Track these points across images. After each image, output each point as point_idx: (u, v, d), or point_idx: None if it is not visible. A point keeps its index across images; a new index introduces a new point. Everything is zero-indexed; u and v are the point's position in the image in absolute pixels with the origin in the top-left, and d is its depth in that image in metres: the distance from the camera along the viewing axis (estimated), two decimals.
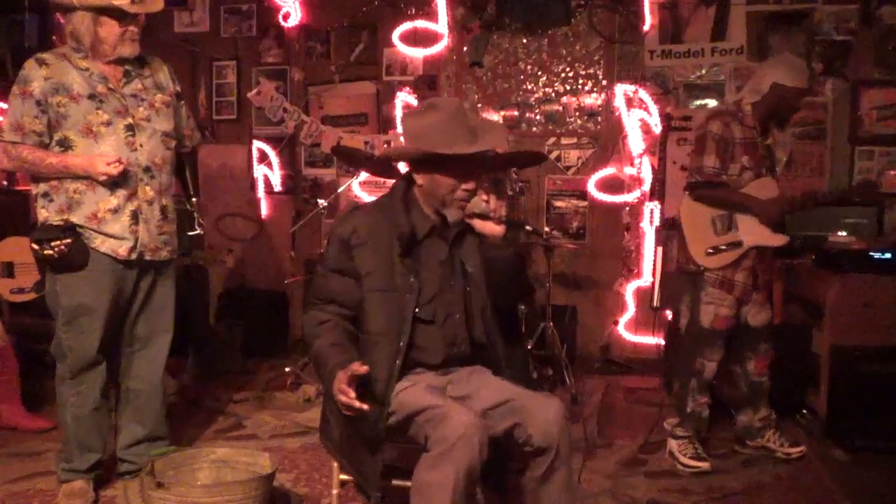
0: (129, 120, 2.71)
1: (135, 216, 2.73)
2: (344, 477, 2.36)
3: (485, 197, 2.22)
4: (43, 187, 2.70)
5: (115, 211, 2.69)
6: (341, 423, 2.15)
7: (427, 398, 2.06)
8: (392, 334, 2.14)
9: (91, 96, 2.65)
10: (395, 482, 2.14)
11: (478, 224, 2.23)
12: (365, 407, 1.98)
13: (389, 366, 2.12)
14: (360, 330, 2.18)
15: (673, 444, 3.29)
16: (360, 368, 1.99)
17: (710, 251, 3.20)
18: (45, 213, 2.70)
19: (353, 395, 1.97)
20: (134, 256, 2.74)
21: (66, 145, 2.65)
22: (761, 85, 3.17)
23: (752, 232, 3.17)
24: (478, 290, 2.26)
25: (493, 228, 2.22)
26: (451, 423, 1.93)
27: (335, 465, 2.35)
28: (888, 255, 3.59)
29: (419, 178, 2.20)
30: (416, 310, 2.16)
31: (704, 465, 3.16)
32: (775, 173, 3.30)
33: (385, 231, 2.18)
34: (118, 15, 2.61)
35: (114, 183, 2.66)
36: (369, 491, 2.10)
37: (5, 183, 4.55)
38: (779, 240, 3.19)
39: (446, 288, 2.22)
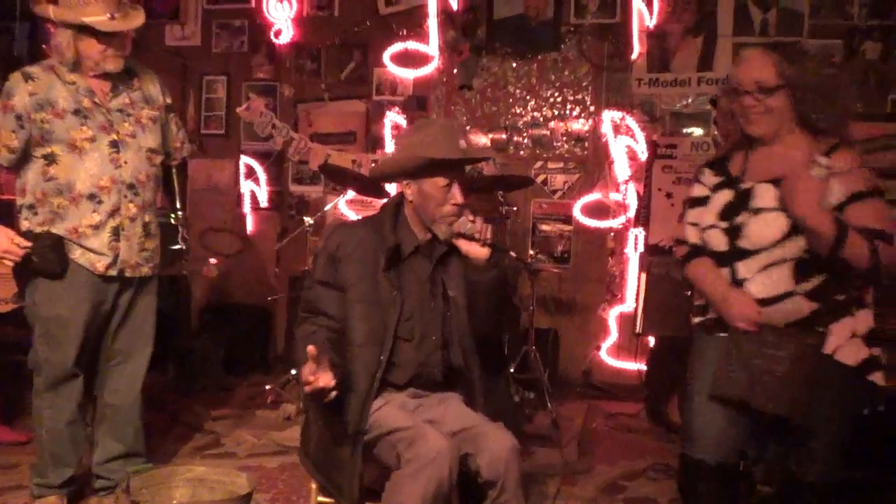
0: (114, 136, 2.69)
1: (116, 233, 2.70)
2: (322, 499, 2.34)
3: (471, 217, 2.24)
4: (29, 199, 2.67)
5: (97, 227, 2.66)
6: (318, 432, 2.16)
7: (401, 418, 2.09)
8: (374, 347, 2.14)
9: (76, 111, 2.63)
10: None
11: (463, 245, 2.24)
12: (327, 384, 1.94)
13: (369, 378, 2.12)
14: (346, 342, 2.16)
15: None
16: (313, 349, 1.93)
17: None
18: (28, 225, 2.67)
19: (326, 378, 1.93)
20: (113, 273, 2.71)
21: (51, 160, 2.63)
22: None
23: None
24: (458, 314, 2.26)
25: (478, 251, 2.23)
26: (424, 443, 1.96)
27: (313, 486, 2.33)
28: None
29: (409, 193, 2.22)
30: (397, 326, 2.16)
31: None
32: None
33: (371, 245, 2.20)
34: (96, 33, 2.57)
35: (97, 200, 2.65)
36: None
37: None
38: None
39: (426, 308, 2.23)
